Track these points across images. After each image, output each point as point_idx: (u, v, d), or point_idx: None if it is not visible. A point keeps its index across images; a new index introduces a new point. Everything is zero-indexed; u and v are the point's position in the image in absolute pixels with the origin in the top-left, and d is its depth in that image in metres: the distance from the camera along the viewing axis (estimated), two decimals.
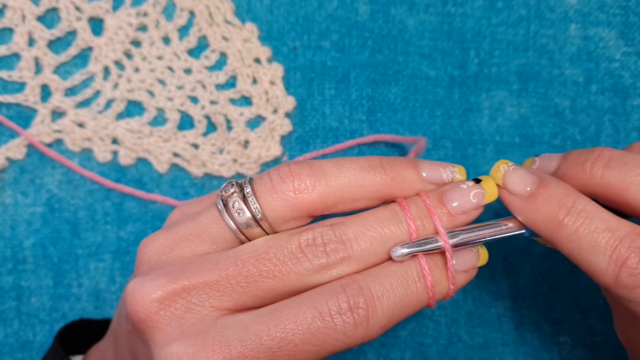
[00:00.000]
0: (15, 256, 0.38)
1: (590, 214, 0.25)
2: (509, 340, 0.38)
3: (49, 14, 0.37)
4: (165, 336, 0.23)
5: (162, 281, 0.24)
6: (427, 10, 0.38)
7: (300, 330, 0.23)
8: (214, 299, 0.24)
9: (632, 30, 0.38)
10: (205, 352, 0.23)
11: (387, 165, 0.26)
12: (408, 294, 0.25)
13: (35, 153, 0.38)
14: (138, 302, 0.24)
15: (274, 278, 0.24)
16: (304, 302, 0.24)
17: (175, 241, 0.26)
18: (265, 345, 0.23)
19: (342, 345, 0.24)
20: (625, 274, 0.24)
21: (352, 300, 0.24)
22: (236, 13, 0.38)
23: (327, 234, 0.25)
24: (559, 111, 0.38)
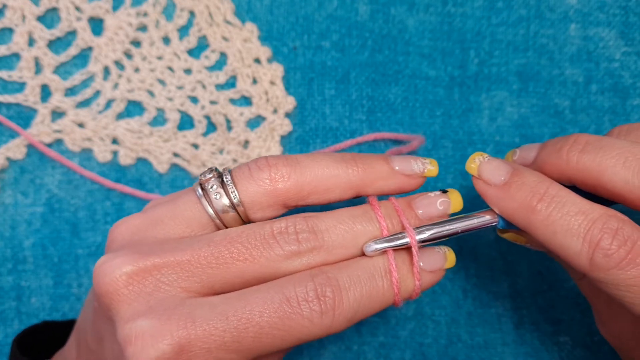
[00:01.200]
0: (15, 256, 0.38)
1: (562, 199, 0.25)
2: (508, 340, 0.38)
3: (49, 14, 0.37)
4: (132, 311, 0.23)
5: (133, 257, 0.24)
6: (427, 10, 0.38)
7: (267, 313, 0.23)
8: (184, 279, 0.24)
9: (632, 30, 0.38)
10: (169, 326, 0.22)
11: (358, 158, 0.27)
12: (374, 288, 0.25)
13: (35, 153, 0.38)
14: (107, 274, 0.24)
15: (245, 261, 0.24)
16: (272, 288, 0.24)
17: (150, 223, 0.26)
18: (231, 325, 0.23)
19: (308, 333, 0.24)
20: (599, 255, 0.24)
21: (320, 289, 0.24)
22: (236, 13, 0.38)
23: (299, 224, 0.25)
24: (559, 111, 0.38)
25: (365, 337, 0.38)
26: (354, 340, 0.38)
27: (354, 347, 0.38)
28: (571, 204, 0.25)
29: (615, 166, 0.25)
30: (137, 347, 0.22)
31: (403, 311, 0.38)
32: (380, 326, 0.38)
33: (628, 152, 0.25)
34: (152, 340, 0.22)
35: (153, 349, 0.22)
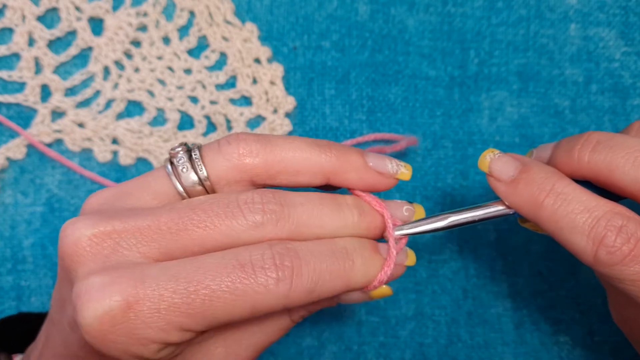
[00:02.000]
0: (15, 256, 0.38)
1: (568, 196, 0.25)
2: (508, 340, 0.38)
3: (49, 14, 0.37)
4: (87, 270, 0.23)
5: (95, 220, 0.24)
6: (427, 10, 0.38)
7: (219, 277, 0.23)
8: (143, 244, 0.24)
9: (632, 30, 0.38)
10: (119, 285, 0.22)
11: (333, 146, 0.27)
12: (336, 265, 0.25)
13: (35, 153, 0.38)
14: (68, 236, 0.24)
15: (205, 228, 0.24)
16: (227, 254, 0.23)
17: (119, 194, 0.26)
18: (181, 286, 0.22)
19: (263, 301, 0.23)
20: (603, 252, 0.24)
21: (278, 258, 0.23)
22: (236, 13, 0.38)
23: (266, 196, 0.25)
24: (559, 111, 0.38)
25: (365, 337, 0.38)
26: (354, 340, 0.38)
27: (354, 347, 0.38)
28: (577, 202, 0.25)
29: (625, 165, 0.25)
30: (84, 302, 0.22)
31: (403, 311, 0.38)
32: (381, 326, 0.38)
33: (638, 152, 0.25)
34: (100, 295, 0.22)
35: (99, 304, 0.22)
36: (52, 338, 0.27)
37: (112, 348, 0.23)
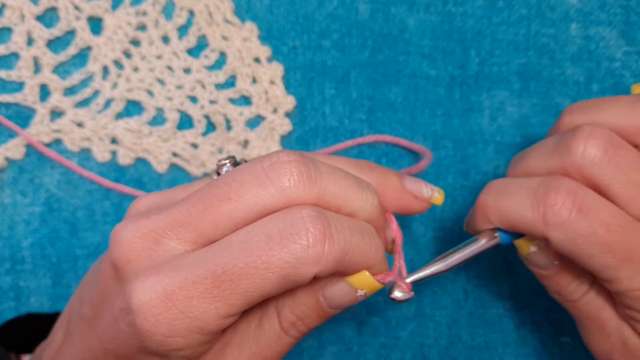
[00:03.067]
0: (14, 256, 0.37)
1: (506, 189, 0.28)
2: (509, 340, 0.38)
3: (48, 13, 0.37)
4: (136, 268, 0.24)
5: (138, 221, 0.25)
6: (427, 10, 0.38)
7: (246, 252, 0.22)
8: (179, 230, 0.24)
9: (633, 29, 0.38)
10: (158, 277, 0.23)
11: (374, 167, 0.27)
12: (364, 242, 0.24)
13: (34, 153, 0.38)
14: (116, 238, 0.25)
15: (229, 201, 0.23)
16: (254, 228, 0.23)
17: (167, 198, 0.27)
18: (209, 270, 0.22)
19: (293, 270, 0.22)
20: (549, 213, 0.25)
21: (309, 220, 0.22)
22: (236, 12, 0.38)
23: (293, 156, 0.24)
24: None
25: (366, 337, 0.38)
26: (354, 341, 0.38)
27: (354, 348, 0.38)
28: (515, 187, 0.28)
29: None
30: (132, 297, 0.23)
31: (404, 312, 0.38)
32: (381, 327, 0.38)
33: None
34: (142, 289, 0.23)
35: (143, 295, 0.23)
36: (76, 335, 0.28)
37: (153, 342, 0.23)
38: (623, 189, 0.26)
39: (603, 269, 0.26)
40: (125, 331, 0.24)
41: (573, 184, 0.26)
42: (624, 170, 0.27)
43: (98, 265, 0.28)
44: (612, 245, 0.25)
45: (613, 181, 0.26)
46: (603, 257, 0.25)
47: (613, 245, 0.25)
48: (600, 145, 0.27)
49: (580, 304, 0.29)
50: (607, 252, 0.25)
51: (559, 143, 0.28)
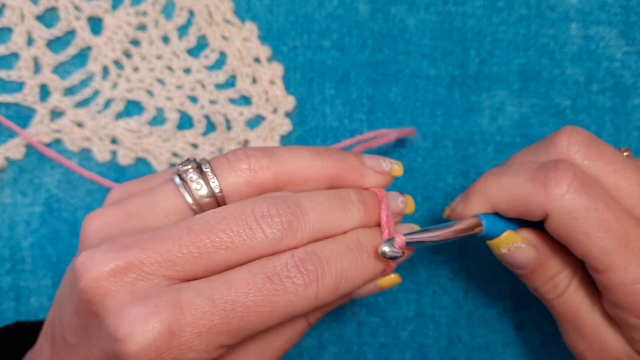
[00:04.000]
0: (14, 256, 0.37)
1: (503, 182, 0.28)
2: (509, 340, 0.38)
3: (48, 13, 0.37)
4: (117, 302, 0.23)
5: (111, 252, 0.24)
6: (427, 10, 0.38)
7: (252, 293, 0.23)
8: (166, 268, 0.24)
9: (633, 29, 0.38)
10: (157, 314, 0.23)
11: (332, 152, 0.28)
12: (354, 260, 0.26)
13: (34, 153, 0.38)
14: (88, 271, 0.24)
15: (227, 249, 0.24)
16: (254, 269, 0.24)
17: (127, 215, 0.26)
18: (218, 308, 0.23)
19: (295, 307, 0.24)
20: (551, 185, 0.26)
21: (301, 263, 0.24)
22: (236, 12, 0.38)
23: (281, 207, 0.25)
24: (560, 111, 0.38)
25: (366, 337, 0.38)
26: (354, 341, 0.38)
27: (354, 348, 0.38)
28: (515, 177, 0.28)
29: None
30: (127, 335, 0.22)
31: (404, 312, 0.38)
32: (381, 327, 0.38)
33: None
34: (142, 327, 0.22)
35: (143, 337, 0.22)
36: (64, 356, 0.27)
37: None
38: (612, 179, 0.27)
39: (599, 253, 0.26)
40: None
41: (571, 164, 0.27)
42: (609, 161, 0.27)
43: (71, 282, 0.27)
44: (610, 225, 0.25)
45: (601, 172, 0.27)
46: (601, 236, 0.25)
47: (612, 225, 0.26)
48: (583, 140, 0.28)
49: (556, 304, 0.30)
50: (605, 231, 0.25)
51: (542, 143, 0.29)
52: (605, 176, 0.27)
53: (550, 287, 0.29)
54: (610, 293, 0.26)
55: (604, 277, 0.26)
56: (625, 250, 0.25)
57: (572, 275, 0.29)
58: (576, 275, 0.29)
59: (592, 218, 0.25)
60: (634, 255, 0.25)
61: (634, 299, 0.26)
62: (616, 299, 0.26)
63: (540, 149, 0.29)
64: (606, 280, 0.26)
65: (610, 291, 0.26)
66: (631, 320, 0.26)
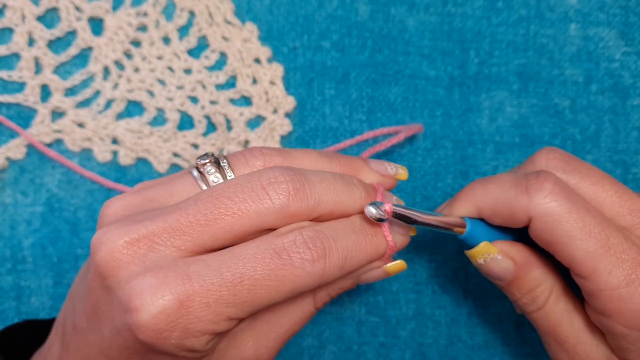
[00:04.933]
0: (15, 256, 0.38)
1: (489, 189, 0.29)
2: (509, 340, 0.38)
3: (48, 13, 0.37)
4: (129, 273, 0.24)
5: (125, 227, 0.25)
6: (427, 10, 0.38)
7: (260, 266, 0.24)
8: (176, 238, 0.25)
9: (632, 30, 0.38)
10: (167, 284, 0.23)
11: (340, 156, 0.30)
12: (359, 240, 0.27)
13: (35, 153, 0.38)
14: (102, 245, 0.24)
15: (233, 215, 0.25)
16: (262, 244, 0.25)
17: (144, 200, 0.27)
18: (226, 280, 0.24)
19: (302, 282, 0.25)
20: (533, 189, 0.27)
21: (310, 241, 0.25)
22: (236, 13, 0.38)
23: (288, 174, 0.26)
24: (559, 111, 0.38)
25: (366, 337, 0.38)
26: (354, 340, 0.38)
27: (354, 347, 0.38)
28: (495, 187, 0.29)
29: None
30: (138, 304, 0.23)
31: (403, 311, 0.38)
32: (381, 326, 0.38)
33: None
34: (152, 297, 0.23)
35: (154, 305, 0.23)
36: (74, 346, 0.28)
37: (167, 344, 0.24)
38: (590, 190, 0.28)
39: (582, 256, 0.26)
40: (132, 342, 0.24)
41: (552, 173, 0.28)
42: (587, 174, 0.28)
43: (85, 274, 0.28)
44: (592, 227, 0.26)
45: (579, 185, 0.28)
46: (583, 239, 0.26)
47: (593, 228, 0.26)
48: (560, 157, 0.29)
49: (536, 317, 0.30)
50: (587, 233, 0.26)
51: (523, 164, 0.31)
52: (584, 188, 0.28)
53: (529, 300, 0.29)
54: (595, 299, 0.27)
55: (589, 283, 0.26)
56: (607, 253, 0.26)
57: (551, 288, 0.29)
58: (555, 288, 0.29)
59: (573, 221, 0.26)
60: (616, 259, 0.26)
61: (619, 304, 0.26)
62: (601, 305, 0.26)
63: (521, 168, 0.30)
64: (591, 285, 0.26)
65: (595, 297, 0.26)
66: (617, 328, 0.26)
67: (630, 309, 0.26)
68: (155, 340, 0.23)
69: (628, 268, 0.26)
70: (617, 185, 0.28)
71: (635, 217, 0.28)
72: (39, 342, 0.32)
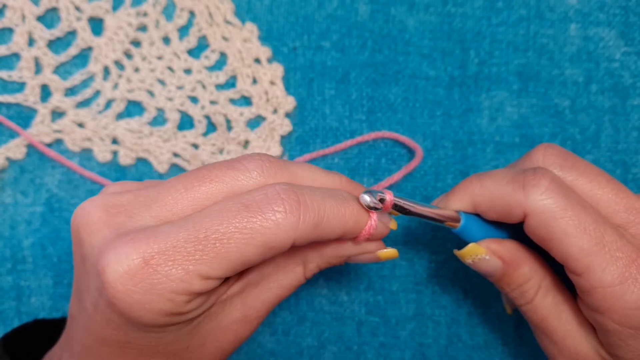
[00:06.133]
0: (15, 256, 0.38)
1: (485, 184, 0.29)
2: (509, 340, 0.38)
3: (48, 14, 0.37)
4: (101, 239, 0.24)
5: (106, 196, 0.26)
6: (427, 10, 0.38)
7: (226, 220, 0.24)
8: (154, 208, 0.25)
9: (632, 30, 0.38)
10: (132, 244, 0.23)
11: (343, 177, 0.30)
12: (337, 205, 0.26)
13: (35, 153, 0.38)
14: (81, 209, 0.25)
15: (210, 181, 0.25)
16: (231, 199, 0.25)
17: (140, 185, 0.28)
18: (191, 235, 0.23)
19: (273, 236, 0.24)
20: (530, 184, 0.27)
21: (283, 192, 0.24)
22: (236, 13, 0.38)
23: (265, 156, 0.26)
24: (559, 111, 0.38)
25: (365, 337, 0.38)
26: (354, 340, 0.38)
27: (354, 347, 0.38)
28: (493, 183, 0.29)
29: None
30: (105, 266, 0.23)
31: (403, 311, 0.38)
32: (381, 326, 0.38)
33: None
34: (117, 257, 0.23)
35: (119, 264, 0.23)
36: (72, 338, 0.28)
37: (141, 309, 0.23)
38: (587, 187, 0.28)
39: (577, 252, 0.26)
40: (110, 312, 0.24)
41: (549, 170, 0.28)
42: (584, 172, 0.28)
43: None
44: (587, 225, 0.26)
45: (576, 182, 0.28)
46: (578, 236, 0.26)
47: (588, 225, 0.26)
48: (558, 154, 0.29)
49: (525, 310, 0.30)
50: (582, 231, 0.26)
51: (520, 159, 0.30)
52: (581, 186, 0.28)
53: (518, 294, 0.30)
54: (588, 296, 0.27)
55: (583, 279, 0.26)
56: (602, 251, 0.26)
57: (539, 283, 0.29)
58: (544, 283, 0.30)
59: (568, 218, 0.26)
60: (611, 257, 0.26)
61: (612, 302, 0.26)
62: (594, 302, 0.26)
63: (518, 163, 0.30)
64: (584, 282, 0.26)
65: (588, 294, 0.27)
66: (609, 325, 0.26)
67: (623, 306, 0.26)
68: (126, 304, 0.23)
69: (622, 266, 0.26)
70: (613, 183, 0.28)
71: (630, 215, 0.28)
72: (50, 342, 0.32)
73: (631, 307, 0.25)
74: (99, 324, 0.25)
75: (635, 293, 0.25)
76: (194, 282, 0.24)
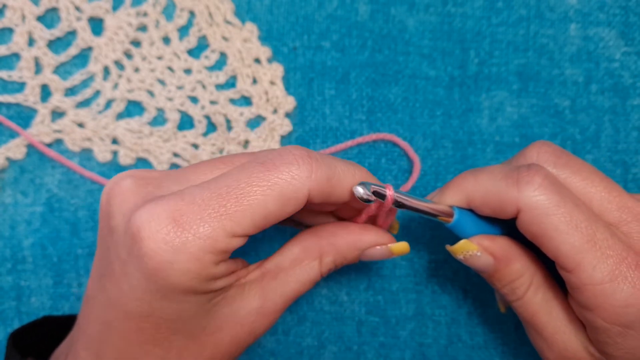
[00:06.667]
0: (15, 256, 0.38)
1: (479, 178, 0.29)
2: (509, 340, 0.38)
3: (48, 14, 0.37)
4: (132, 205, 0.26)
5: (137, 172, 0.27)
6: (427, 10, 0.38)
7: (244, 176, 0.25)
8: (181, 182, 0.27)
9: (632, 30, 0.38)
10: (161, 205, 0.24)
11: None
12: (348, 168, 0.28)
13: (35, 153, 0.38)
14: (112, 182, 0.27)
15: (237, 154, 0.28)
16: (248, 160, 0.27)
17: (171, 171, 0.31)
18: (213, 192, 0.25)
19: (289, 186, 0.25)
20: (523, 181, 0.27)
21: (295, 149, 0.26)
22: (236, 13, 0.38)
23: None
24: (559, 111, 0.38)
25: (365, 337, 0.38)
26: (354, 340, 0.38)
27: (354, 347, 0.38)
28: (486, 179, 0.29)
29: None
30: (136, 228, 0.24)
31: (403, 311, 0.38)
32: (381, 326, 0.38)
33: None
34: (149, 218, 0.24)
35: (151, 224, 0.24)
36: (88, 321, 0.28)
37: (170, 269, 0.24)
38: (580, 185, 0.28)
39: (568, 249, 0.26)
40: (137, 276, 0.25)
41: (543, 167, 0.28)
42: (577, 170, 0.28)
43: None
44: (579, 222, 0.26)
45: (569, 180, 0.28)
46: (570, 233, 0.26)
47: (580, 222, 0.26)
48: (552, 152, 0.29)
49: (516, 306, 0.30)
50: (574, 228, 0.26)
51: (514, 156, 0.31)
52: (574, 183, 0.28)
53: (509, 290, 0.30)
54: (578, 293, 0.27)
55: (573, 276, 0.27)
56: (593, 248, 0.26)
57: (530, 280, 0.30)
58: (535, 279, 0.30)
59: (561, 215, 0.26)
60: (601, 255, 0.26)
61: (601, 299, 0.26)
62: (584, 299, 0.27)
63: (513, 160, 0.31)
64: (575, 279, 0.26)
65: (578, 291, 0.27)
66: (598, 323, 0.27)
67: (613, 304, 0.26)
68: (157, 263, 0.24)
69: (612, 264, 0.26)
70: (606, 181, 0.28)
71: (622, 214, 0.28)
72: (59, 339, 0.32)
73: (620, 305, 0.26)
74: (124, 294, 0.25)
75: (625, 291, 0.26)
76: (220, 239, 0.24)
